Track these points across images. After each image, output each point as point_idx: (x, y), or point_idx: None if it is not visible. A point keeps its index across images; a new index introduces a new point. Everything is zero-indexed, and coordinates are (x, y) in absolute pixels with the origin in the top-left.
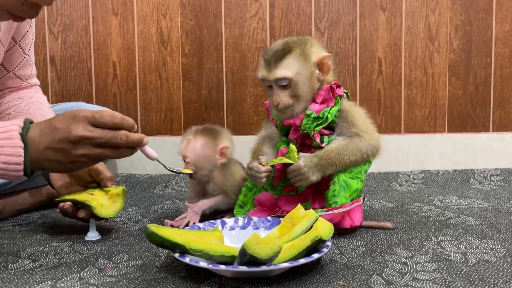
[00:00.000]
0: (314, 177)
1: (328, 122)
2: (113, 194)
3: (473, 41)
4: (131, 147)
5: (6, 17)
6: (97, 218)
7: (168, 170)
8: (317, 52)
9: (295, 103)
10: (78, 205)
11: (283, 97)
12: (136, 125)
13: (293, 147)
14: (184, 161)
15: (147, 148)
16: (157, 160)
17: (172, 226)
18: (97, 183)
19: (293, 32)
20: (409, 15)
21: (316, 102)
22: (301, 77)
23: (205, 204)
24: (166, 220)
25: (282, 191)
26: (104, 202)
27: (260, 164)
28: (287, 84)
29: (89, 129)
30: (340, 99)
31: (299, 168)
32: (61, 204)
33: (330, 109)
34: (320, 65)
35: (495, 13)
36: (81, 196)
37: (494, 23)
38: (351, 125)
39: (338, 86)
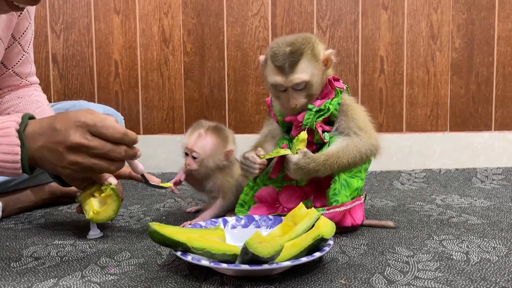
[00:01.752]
0: (298, 177)
1: (329, 113)
2: (104, 197)
3: (475, 40)
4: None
5: (5, 9)
6: None
7: (149, 185)
8: (323, 49)
9: (309, 101)
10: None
11: (299, 99)
12: (138, 139)
13: (303, 136)
14: (188, 154)
15: (136, 161)
16: (142, 174)
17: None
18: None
19: (295, 30)
20: (411, 14)
21: (317, 98)
22: (315, 77)
23: (207, 216)
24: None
25: (283, 182)
26: (98, 208)
27: (258, 156)
28: (303, 87)
29: (87, 138)
30: (340, 92)
31: (289, 161)
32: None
33: (331, 100)
34: (325, 61)
35: (497, 11)
36: (84, 199)
37: (497, 22)
38: (350, 119)
39: (336, 80)
